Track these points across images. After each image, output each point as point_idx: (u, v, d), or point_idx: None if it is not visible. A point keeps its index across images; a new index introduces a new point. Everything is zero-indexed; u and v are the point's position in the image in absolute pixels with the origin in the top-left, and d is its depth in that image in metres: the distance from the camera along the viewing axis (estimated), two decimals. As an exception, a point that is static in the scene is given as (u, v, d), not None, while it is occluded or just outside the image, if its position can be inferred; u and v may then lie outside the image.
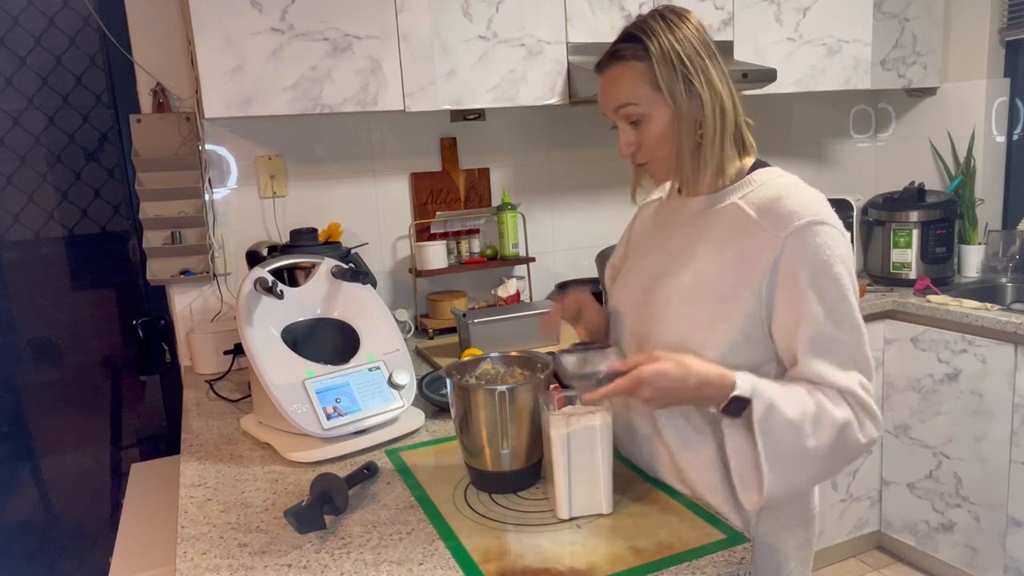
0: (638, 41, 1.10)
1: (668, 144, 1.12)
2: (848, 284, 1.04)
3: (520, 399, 1.14)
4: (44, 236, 2.17)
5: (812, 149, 3.07)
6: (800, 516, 1.19)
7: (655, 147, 1.13)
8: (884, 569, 2.66)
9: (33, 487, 2.25)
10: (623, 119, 1.14)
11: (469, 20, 2.05)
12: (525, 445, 1.16)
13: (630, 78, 1.11)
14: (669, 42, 1.09)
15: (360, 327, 1.57)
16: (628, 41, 1.12)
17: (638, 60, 1.10)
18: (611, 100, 1.14)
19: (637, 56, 1.10)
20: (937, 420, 2.49)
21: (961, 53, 2.82)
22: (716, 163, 1.12)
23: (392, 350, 1.55)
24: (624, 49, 1.11)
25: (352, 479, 1.22)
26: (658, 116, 1.11)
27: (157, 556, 1.54)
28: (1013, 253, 2.73)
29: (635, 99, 1.11)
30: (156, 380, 2.24)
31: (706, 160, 1.13)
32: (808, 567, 1.22)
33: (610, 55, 1.13)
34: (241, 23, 1.81)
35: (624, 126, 1.14)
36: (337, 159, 2.31)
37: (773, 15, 2.46)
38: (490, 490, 1.19)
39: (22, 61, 2.09)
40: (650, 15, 1.14)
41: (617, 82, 1.12)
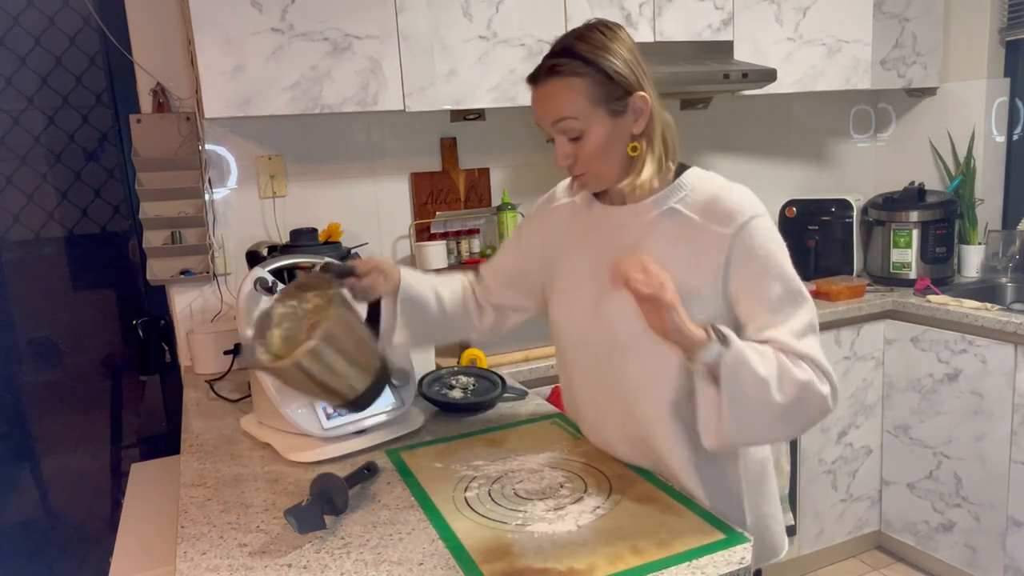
0: (576, 56, 1.11)
1: (605, 158, 1.15)
2: (789, 265, 1.12)
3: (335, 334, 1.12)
4: (44, 236, 2.17)
5: (812, 149, 3.07)
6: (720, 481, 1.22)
7: (592, 160, 1.15)
8: (884, 569, 2.66)
9: (33, 487, 2.26)
10: (560, 133, 1.15)
11: (469, 20, 2.05)
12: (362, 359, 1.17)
13: (568, 93, 1.11)
14: (606, 57, 1.11)
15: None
16: (565, 56, 1.12)
17: (575, 76, 1.11)
18: (548, 114, 1.14)
19: (575, 72, 1.11)
20: (937, 420, 2.49)
21: (961, 53, 2.82)
22: (652, 172, 1.15)
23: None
24: (561, 64, 1.11)
25: (352, 479, 1.22)
26: (595, 130, 1.13)
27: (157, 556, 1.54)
28: (1013, 253, 2.73)
29: (573, 114, 1.12)
30: (156, 380, 2.24)
31: (641, 171, 1.15)
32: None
33: (548, 69, 1.13)
34: (241, 23, 1.81)
35: (561, 139, 1.16)
36: (337, 159, 2.31)
37: (773, 15, 2.46)
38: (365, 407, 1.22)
39: (22, 61, 2.09)
40: (585, 28, 1.15)
41: (554, 96, 1.13)
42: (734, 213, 1.11)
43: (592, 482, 1.21)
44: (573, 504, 1.14)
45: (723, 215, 1.11)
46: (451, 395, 1.69)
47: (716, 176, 1.19)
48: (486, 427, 1.50)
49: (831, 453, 2.58)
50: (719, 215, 1.11)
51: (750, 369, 1.04)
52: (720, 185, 1.16)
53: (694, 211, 1.14)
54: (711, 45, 2.37)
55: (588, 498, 1.16)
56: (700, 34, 2.35)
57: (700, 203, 1.14)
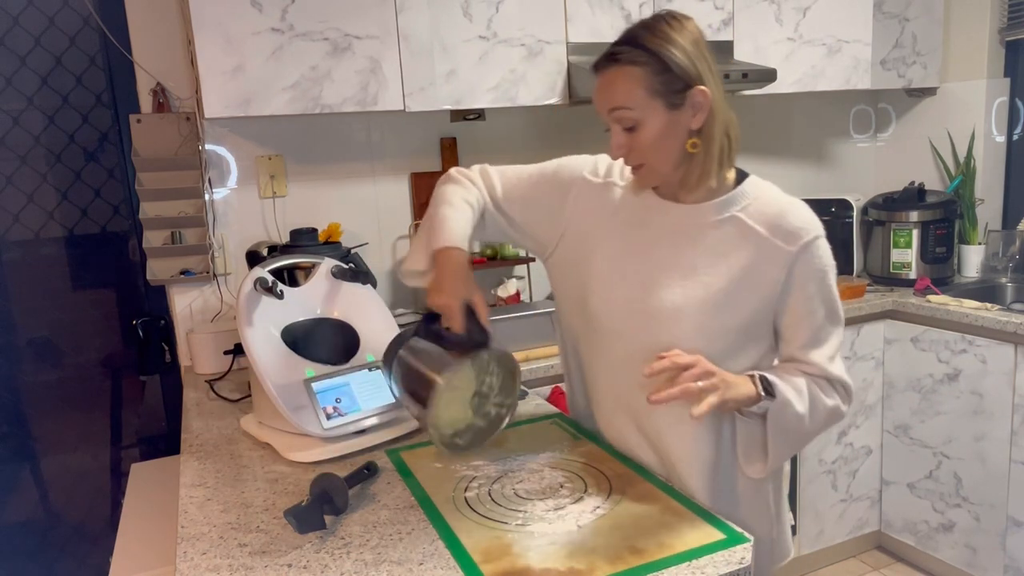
0: (638, 45, 1.09)
1: (660, 151, 1.13)
2: (836, 288, 1.19)
3: None
4: (44, 236, 2.17)
5: (812, 149, 3.07)
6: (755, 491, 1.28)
7: (646, 153, 1.13)
8: (884, 569, 2.66)
9: (33, 487, 2.26)
10: (616, 122, 1.13)
11: (469, 20, 2.05)
12: None
13: (626, 82, 1.10)
14: (669, 48, 1.09)
15: (360, 327, 1.57)
16: (628, 44, 1.10)
17: (636, 65, 1.09)
18: (606, 102, 1.13)
19: (635, 60, 1.09)
20: (937, 420, 2.49)
21: (961, 53, 2.82)
22: (708, 173, 1.14)
23: (392, 350, 1.55)
24: (623, 52, 1.10)
25: (352, 479, 1.22)
26: (652, 122, 1.10)
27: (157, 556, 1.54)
28: (1013, 253, 2.73)
29: (630, 103, 1.10)
30: (156, 380, 2.24)
31: (698, 170, 1.14)
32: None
33: (608, 56, 1.12)
34: (241, 23, 1.81)
35: (616, 129, 1.13)
36: (337, 159, 2.31)
37: (773, 15, 2.46)
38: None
39: (22, 61, 2.09)
40: (653, 19, 1.13)
41: (613, 85, 1.11)
42: (800, 231, 1.13)
43: (592, 482, 1.21)
44: (573, 504, 1.14)
45: (790, 232, 1.13)
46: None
47: (774, 186, 1.21)
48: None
49: (831, 453, 2.58)
50: (785, 231, 1.14)
51: (792, 411, 1.14)
52: (786, 199, 1.18)
53: (759, 223, 1.15)
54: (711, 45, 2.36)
55: (588, 498, 1.16)
56: (700, 34, 2.34)
57: (766, 216, 1.15)
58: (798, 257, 1.13)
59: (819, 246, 1.14)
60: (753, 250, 1.14)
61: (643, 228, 1.22)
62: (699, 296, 1.15)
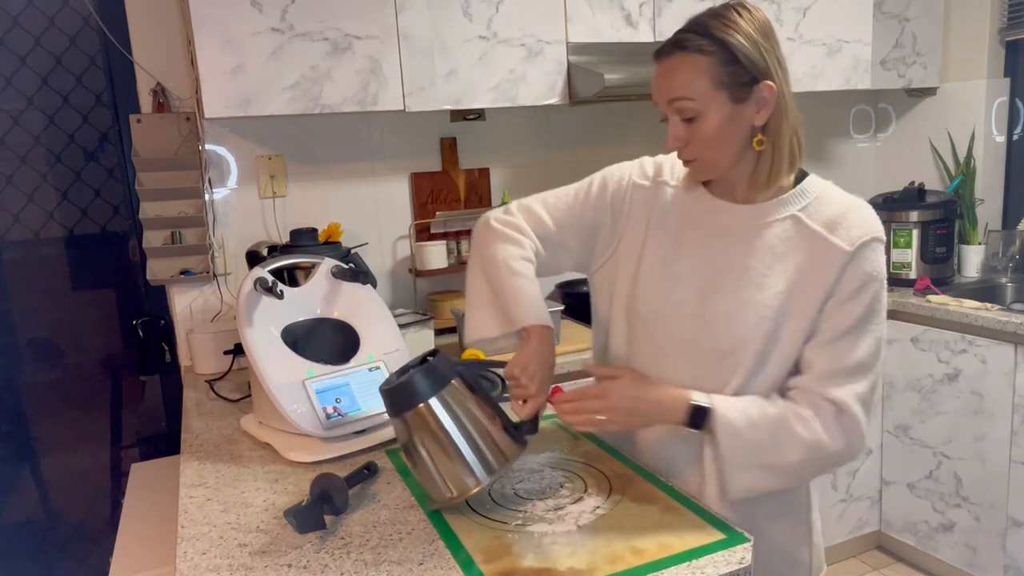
0: (705, 33, 1.04)
1: (718, 146, 1.07)
2: (880, 299, 1.07)
3: None
4: (44, 236, 2.17)
5: (812, 149, 3.05)
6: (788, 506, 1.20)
7: (704, 147, 1.07)
8: (884, 569, 2.66)
9: (33, 487, 2.25)
10: (675, 112, 1.07)
11: (469, 20, 2.05)
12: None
13: (690, 71, 1.04)
14: (738, 38, 1.03)
15: (360, 327, 1.57)
16: (694, 32, 1.05)
17: (702, 54, 1.03)
18: (666, 91, 1.07)
19: (701, 49, 1.03)
20: (937, 420, 2.49)
21: (961, 53, 2.82)
22: (779, 172, 1.09)
23: (392, 350, 1.55)
24: (689, 39, 1.04)
25: (352, 479, 1.22)
26: (713, 115, 1.05)
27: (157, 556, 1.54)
28: (1013, 253, 2.73)
29: (691, 94, 1.04)
30: (156, 380, 2.24)
31: (767, 168, 1.09)
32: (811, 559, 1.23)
33: (673, 43, 1.06)
34: (241, 23, 1.81)
35: (675, 120, 1.08)
36: (337, 159, 2.31)
37: (773, 15, 2.46)
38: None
39: (22, 61, 2.09)
40: (723, 7, 1.07)
41: (675, 73, 1.06)
42: (860, 230, 1.06)
43: (592, 482, 1.21)
44: (573, 504, 1.14)
45: (850, 230, 1.06)
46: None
47: (836, 186, 1.14)
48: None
49: (831, 453, 2.58)
50: (844, 228, 1.07)
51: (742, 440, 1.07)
52: (851, 199, 1.11)
53: (819, 223, 1.08)
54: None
55: (588, 498, 1.16)
56: (700, 34, 2.34)
57: (827, 215, 1.09)
58: (853, 257, 1.05)
59: (875, 249, 1.06)
60: (810, 250, 1.07)
61: (696, 228, 1.16)
62: (756, 299, 1.09)
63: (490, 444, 1.09)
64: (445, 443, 1.08)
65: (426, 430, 1.09)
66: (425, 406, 1.09)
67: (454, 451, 1.08)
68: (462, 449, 1.08)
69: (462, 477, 1.08)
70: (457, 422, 1.09)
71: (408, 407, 1.10)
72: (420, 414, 1.09)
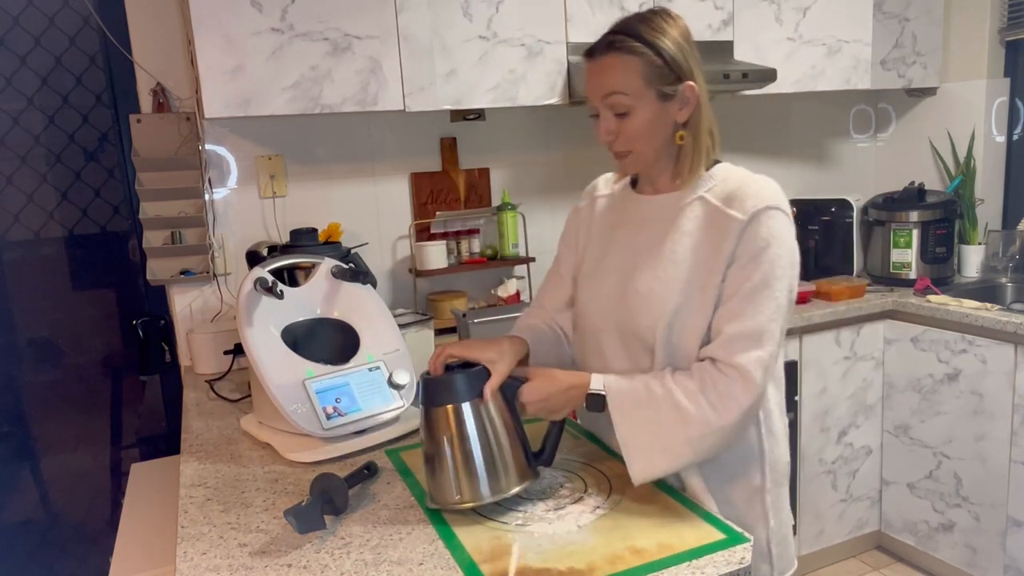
0: (636, 35, 1.14)
1: (647, 139, 1.17)
2: (780, 265, 1.11)
3: None
4: (44, 236, 2.17)
5: (812, 149, 3.07)
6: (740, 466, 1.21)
7: (634, 140, 1.17)
8: (884, 569, 2.66)
9: (33, 487, 2.26)
10: (608, 108, 1.17)
11: (469, 20, 2.05)
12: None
13: (623, 69, 1.14)
14: (664, 42, 1.14)
15: (360, 327, 1.57)
16: (625, 33, 1.15)
17: (633, 54, 1.14)
18: (600, 87, 1.16)
19: (633, 50, 1.14)
20: (937, 420, 2.49)
21: (961, 53, 2.82)
22: (698, 164, 1.19)
23: (392, 350, 1.55)
24: (623, 41, 1.14)
25: (352, 479, 1.22)
26: (643, 110, 1.15)
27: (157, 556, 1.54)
28: (1013, 253, 2.73)
29: (625, 89, 1.14)
30: (156, 380, 2.25)
31: (688, 161, 1.19)
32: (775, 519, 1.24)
33: (607, 44, 1.16)
34: (241, 23, 1.81)
35: (607, 115, 1.17)
36: (337, 159, 2.31)
37: (773, 15, 2.46)
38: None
39: (22, 61, 2.09)
40: (648, 12, 1.18)
41: (610, 70, 1.15)
42: (752, 199, 1.12)
43: (592, 482, 1.21)
44: (573, 504, 1.14)
45: (743, 201, 1.13)
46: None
47: (744, 169, 1.21)
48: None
49: (831, 453, 2.58)
50: (739, 200, 1.13)
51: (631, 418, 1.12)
52: (746, 175, 1.19)
53: (719, 199, 1.16)
54: (711, 45, 2.37)
55: (588, 498, 1.16)
56: (700, 34, 2.35)
57: (727, 191, 1.16)
58: (747, 225, 1.11)
59: (770, 216, 1.11)
60: (713, 225, 1.15)
61: (624, 224, 1.27)
62: (668, 275, 1.16)
63: (508, 464, 1.12)
64: (467, 449, 1.11)
65: (453, 431, 1.11)
66: (457, 408, 1.12)
67: (473, 460, 1.11)
68: (481, 460, 1.11)
69: (475, 487, 1.10)
70: (483, 433, 1.11)
71: (441, 403, 1.12)
72: (451, 414, 1.12)
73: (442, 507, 1.13)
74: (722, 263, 1.12)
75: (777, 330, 1.11)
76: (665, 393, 1.11)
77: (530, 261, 2.49)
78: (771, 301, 1.10)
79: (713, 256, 1.13)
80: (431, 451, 1.13)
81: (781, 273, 1.11)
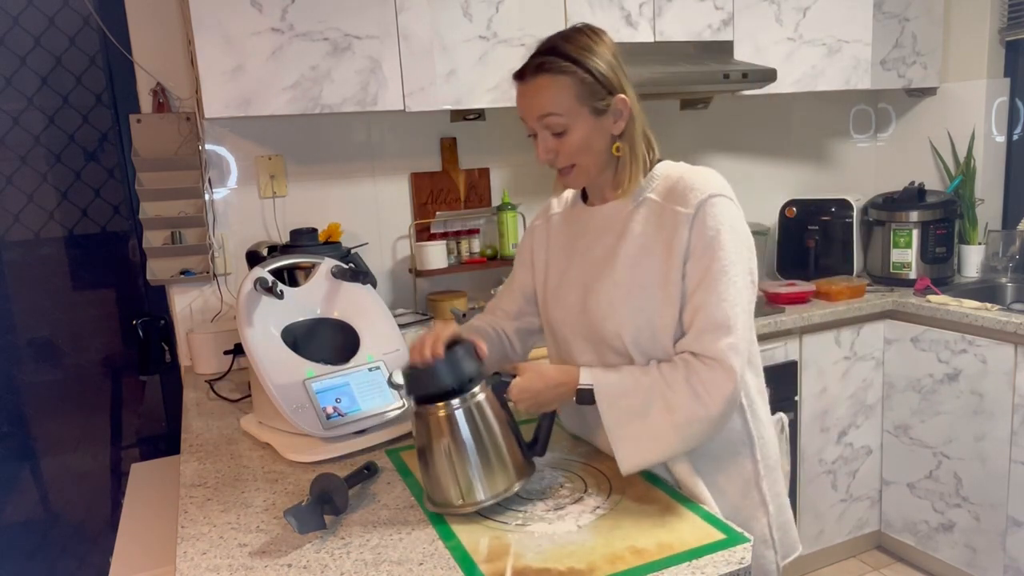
0: (563, 55, 1.15)
1: (587, 154, 1.19)
2: (733, 249, 1.13)
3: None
4: (44, 236, 2.17)
5: (812, 149, 3.07)
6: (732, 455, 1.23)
7: (574, 156, 1.19)
8: (884, 569, 2.66)
9: (33, 487, 2.26)
10: (544, 128, 1.18)
11: (469, 20, 2.05)
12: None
13: (554, 89, 1.15)
14: (592, 59, 1.16)
15: (360, 327, 1.57)
16: (552, 54, 1.16)
17: (563, 74, 1.15)
18: (534, 109, 1.18)
19: (562, 70, 1.15)
20: (937, 420, 2.49)
21: (961, 53, 2.82)
22: (637, 171, 1.21)
23: (392, 350, 1.55)
24: (552, 62, 1.16)
25: (352, 479, 1.22)
26: (578, 127, 1.17)
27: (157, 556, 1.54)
28: (1013, 253, 2.73)
29: (558, 110, 1.16)
30: (156, 380, 2.24)
31: (627, 170, 1.21)
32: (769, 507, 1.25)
33: (537, 66, 1.17)
34: (241, 23, 1.81)
35: (544, 134, 1.19)
36: (337, 159, 2.31)
37: (773, 15, 2.46)
38: None
39: (22, 61, 2.09)
40: (572, 31, 1.19)
41: (541, 92, 1.17)
42: (693, 191, 1.15)
43: (592, 482, 1.21)
44: (573, 504, 1.14)
45: (684, 194, 1.15)
46: (451, 395, 1.69)
47: (684, 164, 1.23)
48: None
49: (831, 453, 2.58)
50: (680, 195, 1.16)
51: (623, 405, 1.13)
52: (684, 168, 1.21)
53: (663, 197, 1.18)
54: (711, 45, 2.37)
55: (588, 498, 1.16)
56: (700, 34, 2.35)
57: (669, 187, 1.19)
58: (695, 217, 1.13)
59: (714, 203, 1.13)
60: (662, 223, 1.17)
61: (582, 237, 1.29)
62: (625, 279, 1.18)
63: (505, 462, 1.12)
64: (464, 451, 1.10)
65: (446, 434, 1.11)
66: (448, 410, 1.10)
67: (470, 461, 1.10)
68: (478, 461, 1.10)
69: (474, 489, 1.10)
70: (476, 434, 1.11)
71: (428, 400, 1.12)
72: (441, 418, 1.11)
73: (441, 510, 1.13)
74: (677, 258, 1.14)
75: (742, 313, 1.12)
76: (651, 382, 1.13)
77: (530, 261, 2.49)
78: (730, 287, 1.12)
79: (666, 253, 1.15)
80: (428, 455, 1.13)
81: (735, 257, 1.13)
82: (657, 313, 1.16)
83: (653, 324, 1.17)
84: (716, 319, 1.11)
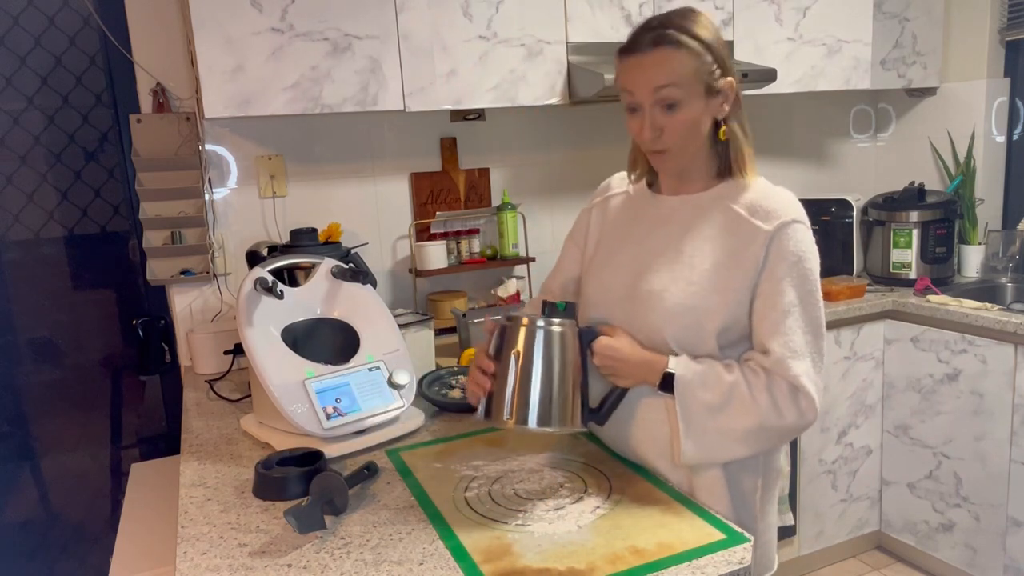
0: (684, 30, 1.13)
1: (691, 135, 1.16)
2: (815, 280, 1.16)
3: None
4: (44, 236, 2.17)
5: (812, 149, 3.07)
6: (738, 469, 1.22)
7: (679, 134, 1.16)
8: (884, 569, 2.66)
9: (33, 487, 2.25)
10: (658, 102, 1.14)
11: (469, 20, 2.05)
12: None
13: (676, 62, 1.12)
14: (709, 38, 1.14)
15: (360, 327, 1.57)
16: (673, 28, 1.13)
17: (683, 47, 1.12)
18: (651, 80, 1.14)
19: (682, 43, 1.12)
20: (937, 420, 2.49)
21: (961, 53, 2.82)
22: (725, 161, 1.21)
23: (392, 350, 1.55)
24: (671, 35, 1.13)
25: (352, 479, 1.22)
26: (692, 103, 1.14)
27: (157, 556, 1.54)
28: (1013, 253, 2.73)
29: (678, 82, 1.12)
30: (156, 380, 2.24)
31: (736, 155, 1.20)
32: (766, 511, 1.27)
33: (655, 39, 1.13)
34: (241, 23, 1.81)
35: (655, 110, 1.15)
36: (337, 159, 2.31)
37: (773, 15, 2.46)
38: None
39: (22, 61, 2.09)
40: (686, 9, 1.17)
41: (662, 63, 1.13)
42: (778, 212, 1.15)
43: (592, 482, 1.21)
44: (573, 504, 1.14)
45: (767, 212, 1.15)
46: (451, 395, 1.69)
47: (763, 179, 1.23)
48: (486, 427, 1.50)
49: (831, 453, 2.58)
50: (764, 211, 1.15)
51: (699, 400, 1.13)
52: (769, 186, 1.21)
53: (743, 207, 1.17)
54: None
55: (588, 498, 1.16)
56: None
57: (750, 200, 1.18)
58: (773, 237, 1.13)
59: (797, 230, 1.14)
60: (735, 232, 1.16)
61: (638, 222, 1.29)
62: (684, 276, 1.17)
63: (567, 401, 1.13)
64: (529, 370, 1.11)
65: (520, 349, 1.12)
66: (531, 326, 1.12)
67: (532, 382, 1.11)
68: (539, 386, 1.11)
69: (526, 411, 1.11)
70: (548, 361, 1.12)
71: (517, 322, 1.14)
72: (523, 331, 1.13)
73: (491, 423, 1.13)
74: (746, 271, 1.14)
75: (822, 342, 1.15)
76: (734, 381, 1.13)
77: (530, 261, 2.49)
78: (811, 316, 1.14)
79: (734, 263, 1.15)
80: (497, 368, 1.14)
81: (813, 287, 1.15)
82: (708, 316, 1.16)
83: (701, 325, 1.16)
84: (799, 346, 1.12)
